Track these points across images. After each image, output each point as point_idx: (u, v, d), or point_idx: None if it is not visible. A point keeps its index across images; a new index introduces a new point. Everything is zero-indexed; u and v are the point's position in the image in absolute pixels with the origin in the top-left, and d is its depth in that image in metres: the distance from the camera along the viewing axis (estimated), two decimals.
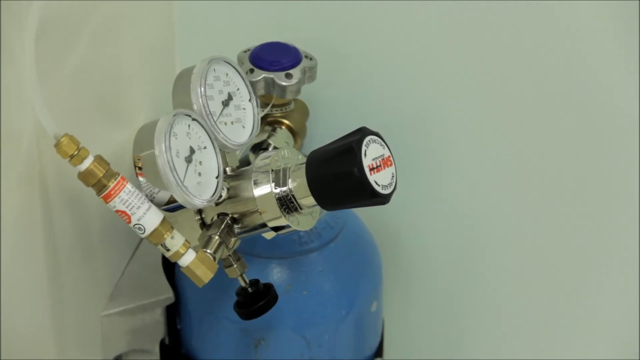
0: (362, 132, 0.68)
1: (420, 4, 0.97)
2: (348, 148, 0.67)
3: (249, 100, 0.79)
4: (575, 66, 0.94)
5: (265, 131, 0.91)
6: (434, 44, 1.00)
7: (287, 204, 0.72)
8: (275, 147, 0.89)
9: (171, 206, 0.71)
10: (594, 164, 0.99)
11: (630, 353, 1.02)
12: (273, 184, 0.72)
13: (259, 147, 0.89)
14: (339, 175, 0.67)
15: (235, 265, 0.77)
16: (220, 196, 0.74)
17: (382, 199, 0.68)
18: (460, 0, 0.95)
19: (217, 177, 0.73)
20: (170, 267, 0.97)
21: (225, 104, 0.77)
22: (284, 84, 0.87)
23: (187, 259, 0.71)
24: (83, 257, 0.86)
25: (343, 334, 0.93)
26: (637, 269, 1.00)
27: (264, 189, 0.72)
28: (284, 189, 0.72)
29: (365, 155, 0.67)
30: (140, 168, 0.70)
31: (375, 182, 0.67)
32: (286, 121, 0.92)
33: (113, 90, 0.87)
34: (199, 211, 0.76)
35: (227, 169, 0.77)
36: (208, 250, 0.72)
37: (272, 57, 0.88)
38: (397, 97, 1.04)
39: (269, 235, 0.76)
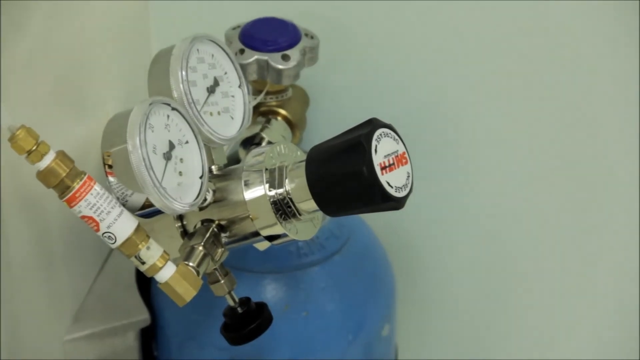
0: (372, 125, 0.68)
1: None
2: (355, 143, 0.67)
3: (239, 87, 0.80)
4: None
5: (258, 123, 0.91)
6: (458, 23, 1.01)
7: (283, 208, 0.72)
8: (269, 142, 0.89)
9: (147, 211, 0.71)
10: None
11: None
12: (267, 185, 0.72)
13: (250, 142, 0.89)
14: (344, 176, 0.67)
15: (222, 281, 0.77)
16: (205, 199, 0.74)
17: (395, 203, 0.68)
18: None
19: (201, 177, 0.73)
20: (145, 284, 0.97)
21: (211, 90, 0.78)
22: (280, 67, 0.88)
23: (166, 274, 0.71)
24: (42, 271, 0.86)
25: None
26: None
27: (256, 191, 0.73)
28: (280, 191, 0.72)
29: (375, 151, 0.67)
30: (110, 166, 0.70)
31: (388, 184, 0.67)
32: (282, 111, 0.93)
33: (77, 74, 0.88)
34: (180, 217, 0.77)
35: (213, 167, 0.77)
36: (190, 264, 0.72)
37: (266, 35, 0.89)
38: (413, 84, 1.04)
39: (263, 245, 0.76)
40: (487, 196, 1.09)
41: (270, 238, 0.74)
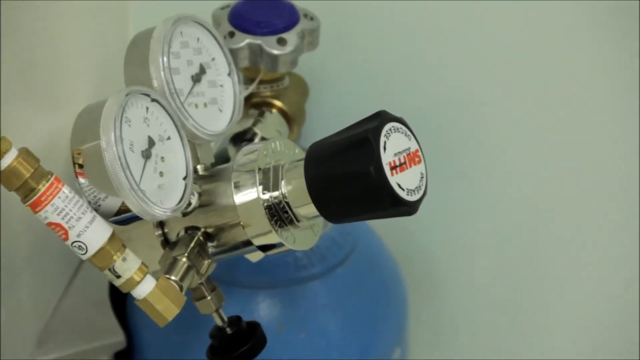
0: (381, 118, 0.68)
1: None
2: (361, 139, 0.67)
3: (228, 75, 0.80)
4: None
5: (250, 116, 0.92)
6: (475, 6, 1.01)
7: (279, 214, 0.72)
8: (263, 138, 0.90)
9: (123, 217, 0.71)
10: None
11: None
12: (260, 188, 0.72)
13: (241, 138, 0.90)
14: (349, 176, 0.68)
15: (209, 298, 0.77)
16: (189, 204, 0.74)
17: (407, 208, 0.68)
18: None
19: (184, 178, 0.74)
20: (120, 301, 0.97)
21: (196, 79, 0.78)
22: (275, 52, 0.88)
23: (144, 289, 0.71)
24: (1, 286, 0.86)
25: None
26: None
27: (248, 195, 0.73)
28: (275, 194, 0.72)
29: (384, 148, 0.67)
30: (80, 166, 0.70)
31: (399, 185, 0.67)
32: (278, 103, 0.93)
33: (42, 60, 0.88)
34: (161, 224, 0.77)
35: (199, 167, 0.78)
36: (172, 277, 0.72)
37: (260, 16, 0.89)
38: (426, 73, 1.04)
39: (255, 256, 0.76)
40: (509, 200, 1.09)
41: (263, 248, 0.74)
